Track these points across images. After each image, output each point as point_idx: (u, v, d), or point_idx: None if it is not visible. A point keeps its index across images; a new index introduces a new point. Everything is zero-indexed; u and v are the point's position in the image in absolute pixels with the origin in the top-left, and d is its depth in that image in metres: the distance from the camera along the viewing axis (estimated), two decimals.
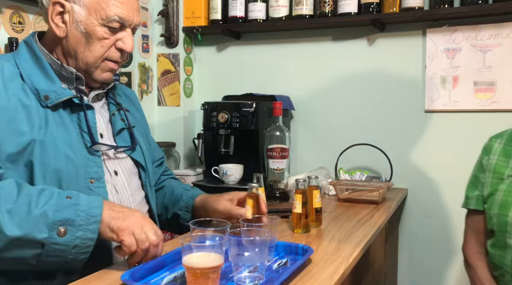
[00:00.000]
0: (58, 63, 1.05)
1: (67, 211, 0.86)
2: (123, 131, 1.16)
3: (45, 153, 0.96)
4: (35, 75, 1.02)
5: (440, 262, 2.02)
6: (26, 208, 0.84)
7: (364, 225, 1.34)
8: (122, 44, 1.06)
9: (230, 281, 0.86)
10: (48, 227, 0.84)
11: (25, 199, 0.85)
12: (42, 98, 0.99)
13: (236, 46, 2.30)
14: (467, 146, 1.94)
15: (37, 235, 0.83)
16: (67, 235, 0.85)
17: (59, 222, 0.84)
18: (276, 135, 1.63)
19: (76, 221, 0.86)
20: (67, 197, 0.88)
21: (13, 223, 0.82)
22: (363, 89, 2.10)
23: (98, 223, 0.87)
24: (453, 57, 1.93)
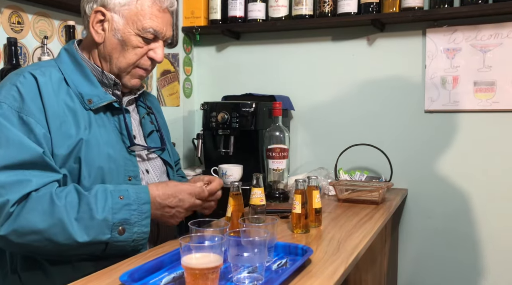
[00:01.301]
0: (99, 70, 1.14)
1: (123, 212, 0.98)
2: (153, 133, 1.26)
3: (90, 151, 1.05)
4: (78, 80, 1.10)
5: (440, 262, 2.01)
6: (89, 215, 0.96)
7: (364, 225, 1.33)
8: (153, 54, 1.15)
9: (229, 282, 0.85)
10: (109, 229, 0.97)
11: (86, 206, 0.96)
12: (86, 102, 1.08)
13: (236, 46, 2.30)
14: (467, 147, 1.94)
15: (102, 237, 0.96)
16: (126, 233, 0.98)
17: (118, 223, 0.97)
18: (275, 135, 1.63)
19: (131, 220, 0.99)
20: (119, 197, 0.99)
21: (81, 230, 0.95)
22: (362, 89, 2.09)
23: (149, 217, 1.01)
24: (453, 57, 1.93)
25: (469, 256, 1.97)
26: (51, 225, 0.94)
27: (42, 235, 0.94)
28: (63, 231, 0.94)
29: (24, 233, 0.93)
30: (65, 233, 0.94)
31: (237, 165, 1.92)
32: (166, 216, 1.06)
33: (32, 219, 0.93)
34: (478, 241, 1.95)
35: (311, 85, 2.17)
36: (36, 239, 0.94)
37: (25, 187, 0.95)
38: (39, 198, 0.95)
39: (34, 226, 0.93)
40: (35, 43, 1.66)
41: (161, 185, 1.07)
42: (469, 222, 1.96)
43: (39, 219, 0.94)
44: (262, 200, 1.32)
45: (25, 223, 0.93)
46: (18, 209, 0.94)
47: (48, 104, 1.03)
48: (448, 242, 1.99)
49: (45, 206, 0.94)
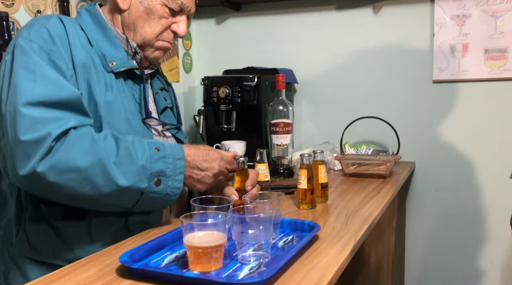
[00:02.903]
0: (123, 36, 1.10)
1: (159, 164, 0.95)
2: (166, 110, 1.24)
3: (111, 113, 1.02)
4: (101, 41, 1.06)
5: (448, 235, 1.99)
6: (129, 160, 0.92)
7: (372, 200, 1.30)
8: (177, 28, 1.13)
9: (234, 260, 0.82)
10: (147, 178, 0.93)
11: (125, 151, 0.93)
12: (108, 64, 1.05)
13: (236, 18, 2.22)
14: (477, 117, 1.89)
15: (140, 185, 0.92)
16: (161, 185, 0.95)
17: (155, 173, 0.94)
18: (279, 109, 1.58)
19: (167, 172, 0.96)
20: (156, 148, 0.96)
21: (121, 174, 0.91)
22: (368, 60, 2.02)
23: (182, 173, 0.98)
24: (463, 24, 1.85)
25: (478, 229, 1.94)
26: (91, 164, 0.89)
27: (81, 174, 0.88)
28: (103, 172, 0.89)
29: (63, 170, 0.87)
30: (106, 174, 0.89)
31: (240, 141, 1.88)
32: (194, 179, 1.01)
33: (73, 155, 0.88)
34: (487, 214, 1.92)
35: (315, 57, 2.11)
36: (74, 178, 0.88)
37: (64, 124, 0.90)
38: (79, 136, 0.90)
39: (74, 163, 0.88)
40: (27, 17, 1.60)
41: (193, 147, 1.04)
42: (478, 194, 1.92)
43: (80, 156, 0.88)
44: (266, 176, 1.29)
45: (65, 159, 0.87)
46: (58, 144, 0.88)
47: (75, 53, 0.99)
48: (456, 215, 1.96)
49: (86, 144, 0.90)
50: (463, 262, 1.97)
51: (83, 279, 0.77)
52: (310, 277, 0.76)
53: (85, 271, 0.80)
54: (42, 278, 0.78)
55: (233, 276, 0.75)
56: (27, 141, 0.86)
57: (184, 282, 0.73)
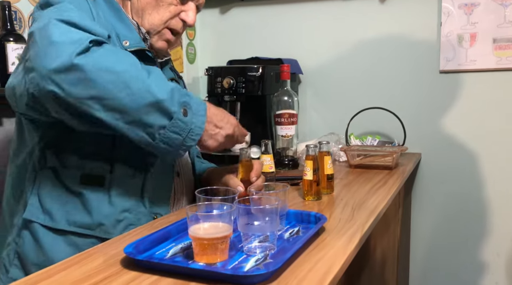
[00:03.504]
0: (134, 22, 1.10)
1: (185, 97, 0.93)
2: None
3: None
4: (115, 22, 1.06)
5: (453, 227, 1.97)
6: (163, 82, 0.91)
7: (378, 191, 1.29)
8: (185, 16, 1.12)
9: (240, 252, 0.81)
10: (178, 103, 0.90)
11: (158, 74, 0.92)
12: (122, 42, 1.04)
13: (240, 7, 2.19)
14: (484, 108, 1.87)
15: (172, 107, 0.89)
16: (188, 116, 0.92)
17: (183, 103, 0.91)
18: (284, 100, 1.56)
19: (193, 107, 0.93)
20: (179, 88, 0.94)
21: (158, 88, 0.88)
22: (374, 50, 2.00)
23: (204, 116, 0.95)
24: (471, 13, 1.82)
25: (484, 221, 1.93)
26: (129, 70, 0.87)
27: (119, 76, 0.86)
28: (140, 81, 0.87)
29: (101, 68, 0.85)
30: (143, 83, 0.87)
31: None
32: (208, 133, 0.97)
33: (110, 58, 0.87)
34: (493, 206, 1.91)
35: (320, 47, 2.08)
36: (111, 79, 0.85)
37: (97, 36, 0.89)
38: (114, 49, 0.91)
39: (112, 64, 0.86)
40: (30, 7, 1.59)
41: (213, 106, 1.03)
42: (484, 186, 1.91)
43: (117, 61, 0.87)
44: (271, 167, 1.28)
45: (103, 59, 0.86)
46: (95, 48, 0.86)
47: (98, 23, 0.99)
48: (462, 207, 1.95)
49: (122, 55, 0.90)
50: (469, 254, 1.96)
51: (88, 270, 0.76)
52: (317, 268, 0.75)
53: (90, 262, 0.80)
54: (45, 269, 0.77)
55: (239, 268, 0.74)
56: (61, 42, 0.84)
57: (190, 273, 0.72)
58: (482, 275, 1.96)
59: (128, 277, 0.73)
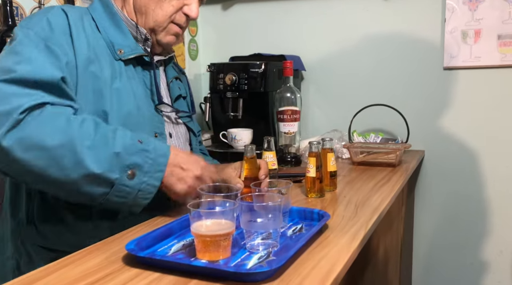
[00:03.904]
0: (132, 23, 1.09)
1: (138, 156, 0.89)
2: (180, 100, 1.23)
3: (120, 100, 1.00)
4: (110, 29, 1.06)
5: (456, 225, 1.96)
6: (104, 147, 0.87)
7: (382, 188, 1.28)
8: (188, 10, 1.10)
9: (243, 249, 0.80)
10: (120, 169, 0.87)
11: (102, 137, 0.88)
12: (116, 51, 1.04)
13: (243, 3, 2.18)
14: (489, 105, 1.85)
15: (111, 175, 0.86)
16: (135, 179, 0.88)
17: (130, 165, 0.88)
18: (286, 96, 1.55)
19: (144, 167, 0.89)
20: (138, 140, 0.91)
21: (93, 159, 0.85)
22: (377, 46, 1.98)
23: (163, 172, 0.91)
24: (476, 9, 1.80)
25: (487, 218, 1.92)
26: (61, 144, 0.84)
27: (49, 152, 0.83)
28: (72, 154, 0.84)
29: (30, 146, 0.82)
30: (75, 157, 0.84)
31: (246, 129, 1.86)
32: (174, 177, 0.93)
33: (43, 131, 0.84)
34: (497, 203, 1.89)
35: (323, 44, 2.07)
36: (40, 156, 0.83)
37: (38, 99, 0.86)
38: (54, 114, 0.87)
39: (43, 140, 0.83)
40: (31, 3, 1.57)
41: (181, 150, 1.02)
42: (488, 183, 1.89)
43: (50, 134, 0.84)
44: (274, 164, 1.27)
45: (34, 134, 0.83)
46: (30, 117, 0.84)
47: (77, 44, 0.98)
48: (466, 204, 1.94)
49: (60, 123, 0.86)
50: (472, 251, 1.95)
51: (89, 267, 0.76)
52: (320, 266, 0.75)
53: (91, 259, 0.79)
54: (48, 265, 0.77)
55: (242, 265, 0.73)
56: None
57: (192, 271, 0.71)
58: (485, 273, 1.95)
59: (130, 274, 0.73)
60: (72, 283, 0.70)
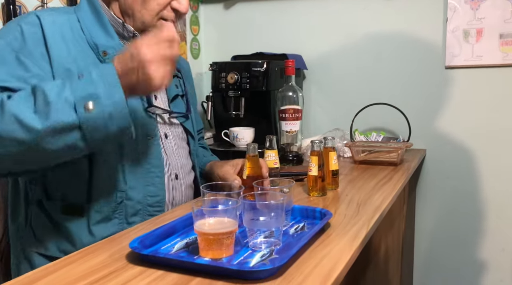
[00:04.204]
0: (119, 21, 1.05)
1: (85, 88, 0.82)
2: (178, 98, 1.18)
3: None
4: (95, 30, 1.02)
5: (458, 223, 1.97)
6: (44, 101, 0.80)
7: (383, 187, 1.28)
8: (177, 4, 1.05)
9: (245, 247, 0.81)
10: (72, 107, 0.80)
11: (41, 93, 0.81)
12: (101, 53, 1.00)
13: (245, 2, 2.18)
14: (490, 104, 1.85)
15: (67, 119, 0.80)
16: (96, 108, 0.81)
17: (82, 99, 0.81)
18: (288, 95, 1.55)
19: (98, 93, 0.81)
20: (78, 76, 0.83)
21: (39, 117, 0.80)
22: (379, 45, 1.98)
23: (119, 85, 0.82)
24: (477, 8, 1.80)
25: (489, 216, 1.92)
26: (5, 124, 0.80)
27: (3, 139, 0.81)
28: (20, 125, 0.80)
29: None
30: (23, 126, 0.80)
31: (248, 128, 1.86)
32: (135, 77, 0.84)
33: None
34: (499, 201, 1.90)
35: (325, 43, 2.07)
36: None
37: None
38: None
39: None
40: (34, 2, 1.58)
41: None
42: (489, 183, 1.90)
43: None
44: (276, 163, 1.27)
45: None
46: None
47: (53, 50, 0.95)
48: (467, 203, 1.94)
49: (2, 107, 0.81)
50: (474, 250, 1.95)
51: (93, 265, 0.76)
52: (323, 264, 0.75)
53: (95, 257, 0.80)
54: (52, 263, 0.77)
55: (245, 263, 0.74)
56: None
57: (195, 268, 0.72)
58: (486, 271, 1.95)
59: (134, 272, 0.73)
60: (77, 280, 0.71)
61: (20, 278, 0.72)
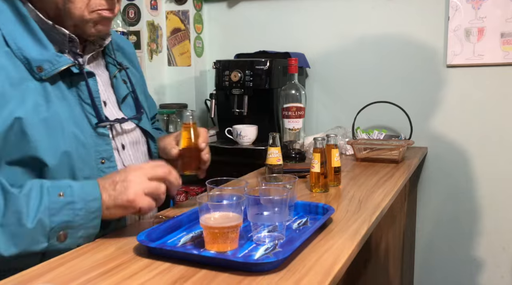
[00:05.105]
0: (48, 23, 0.88)
1: (64, 213, 0.77)
2: (128, 98, 1.03)
3: (50, 134, 0.82)
4: (22, 39, 0.84)
5: (458, 221, 1.98)
6: (17, 221, 0.74)
7: (385, 184, 1.30)
8: None
9: (250, 241, 0.83)
10: (46, 236, 0.76)
11: (14, 209, 0.74)
12: (35, 70, 0.83)
13: (248, 1, 2.20)
14: (491, 103, 1.87)
15: (36, 247, 0.76)
16: (68, 239, 0.78)
17: (57, 227, 0.76)
18: (291, 93, 1.57)
19: (76, 222, 0.78)
20: (59, 194, 0.77)
21: (7, 241, 0.74)
22: (381, 44, 2.00)
23: (99, 217, 0.80)
24: (479, 7, 1.81)
25: (489, 214, 1.93)
26: None
27: None
28: None
29: None
30: None
31: (251, 125, 1.88)
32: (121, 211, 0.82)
33: None
34: (499, 199, 1.91)
35: (327, 41, 2.08)
36: None
37: None
38: None
39: None
40: None
41: (110, 174, 0.86)
42: (490, 181, 1.91)
43: None
44: (279, 160, 1.29)
45: None
46: None
47: None
48: (467, 201, 1.95)
49: None
50: (474, 247, 1.97)
51: (101, 257, 0.78)
52: (325, 257, 0.77)
53: (103, 250, 0.82)
54: (60, 256, 0.79)
55: (249, 256, 0.76)
56: None
57: (202, 261, 0.74)
58: (487, 268, 1.97)
59: (141, 264, 0.76)
60: (86, 272, 0.73)
61: (29, 270, 0.74)
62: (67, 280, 0.70)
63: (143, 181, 0.83)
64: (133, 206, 0.81)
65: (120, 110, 1.00)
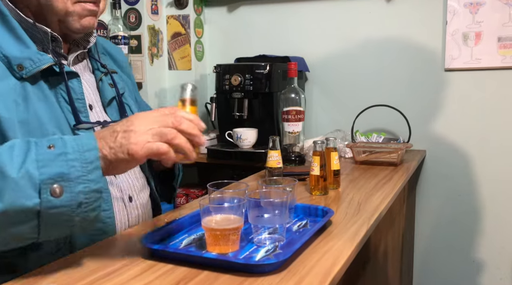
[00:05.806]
0: (28, 21, 0.86)
1: (56, 165, 0.67)
2: (113, 102, 1.00)
3: (31, 135, 0.77)
4: (1, 38, 0.83)
5: (457, 224, 2.00)
6: (0, 174, 0.65)
7: (384, 187, 1.31)
8: None
9: (250, 243, 0.84)
10: (36, 190, 0.65)
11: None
12: (15, 68, 0.81)
13: (248, 6, 2.22)
14: (489, 106, 1.88)
15: (26, 202, 0.65)
16: (65, 194, 0.67)
17: (50, 179, 0.66)
18: (291, 97, 1.58)
19: (72, 174, 0.67)
20: (48, 146, 0.68)
21: None
22: (380, 48, 2.02)
23: (98, 169, 0.69)
24: (476, 12, 1.84)
25: (488, 215, 1.95)
26: None
27: None
28: None
29: None
30: None
31: (251, 128, 1.90)
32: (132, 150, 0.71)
33: None
34: (498, 201, 1.93)
35: (327, 45, 2.11)
36: None
37: None
38: None
39: None
40: None
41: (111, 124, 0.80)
42: (488, 183, 1.93)
43: None
44: (279, 163, 1.31)
45: None
46: None
47: None
48: (466, 203, 1.97)
49: None
50: (473, 249, 1.99)
51: (105, 259, 0.79)
52: (325, 259, 0.78)
53: (107, 251, 0.83)
54: (63, 259, 0.80)
55: (250, 258, 0.77)
56: None
57: (204, 262, 0.75)
58: (486, 270, 1.98)
59: (145, 265, 0.77)
60: (89, 274, 0.74)
61: (34, 271, 0.74)
62: (71, 281, 0.71)
63: (150, 123, 0.72)
64: (136, 159, 0.71)
65: (106, 113, 0.98)
